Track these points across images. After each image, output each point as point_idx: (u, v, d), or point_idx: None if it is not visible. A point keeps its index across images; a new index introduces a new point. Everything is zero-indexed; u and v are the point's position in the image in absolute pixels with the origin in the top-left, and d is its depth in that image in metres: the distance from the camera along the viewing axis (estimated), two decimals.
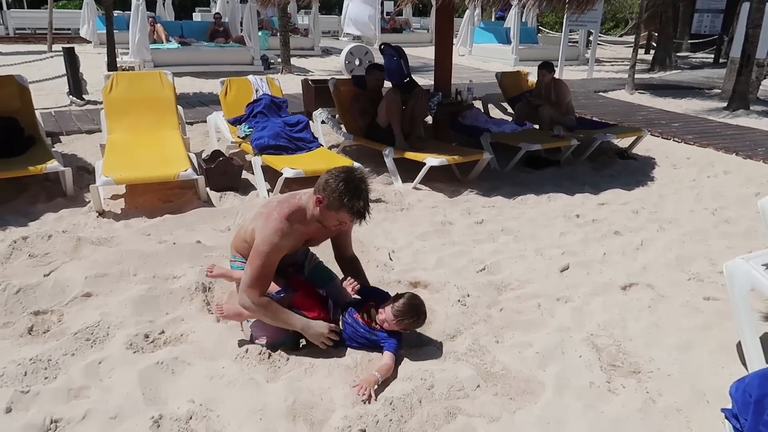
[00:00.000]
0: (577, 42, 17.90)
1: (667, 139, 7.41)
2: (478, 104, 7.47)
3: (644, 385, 2.55)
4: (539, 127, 6.68)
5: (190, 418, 2.24)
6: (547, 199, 5.09)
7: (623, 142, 6.96)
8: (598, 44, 16.38)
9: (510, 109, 7.74)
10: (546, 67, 6.88)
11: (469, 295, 3.27)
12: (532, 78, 7.72)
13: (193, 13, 21.08)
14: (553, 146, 6.15)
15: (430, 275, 3.52)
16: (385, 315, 2.60)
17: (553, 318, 3.09)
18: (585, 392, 2.47)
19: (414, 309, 2.61)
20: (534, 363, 2.66)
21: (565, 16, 13.15)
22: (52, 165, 4.53)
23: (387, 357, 2.55)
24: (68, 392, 2.37)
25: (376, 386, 2.40)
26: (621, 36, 27.56)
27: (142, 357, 2.60)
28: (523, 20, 17.48)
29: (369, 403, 2.32)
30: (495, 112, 8.07)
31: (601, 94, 11.27)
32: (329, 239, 2.88)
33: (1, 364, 2.53)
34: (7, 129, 5.04)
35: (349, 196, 2.43)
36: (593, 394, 2.47)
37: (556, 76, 7.00)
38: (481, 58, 16.84)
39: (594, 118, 8.00)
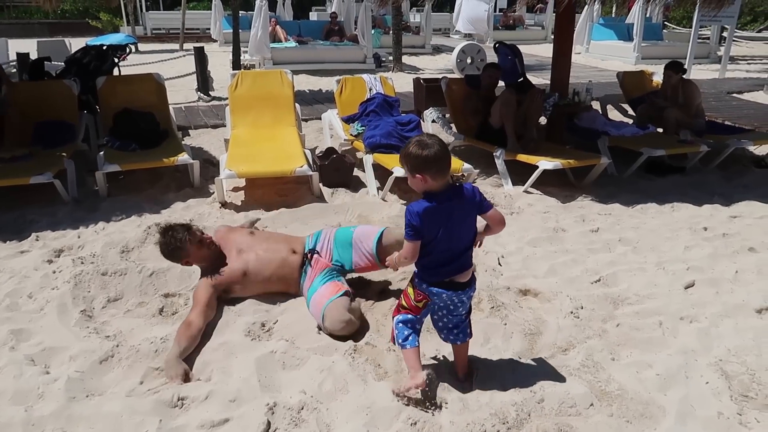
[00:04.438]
0: (708, 38, 16.57)
1: None
2: (596, 105, 7.13)
3: None
4: (664, 130, 6.26)
5: (302, 408, 2.32)
6: (671, 209, 4.76)
7: (761, 149, 6.36)
8: (733, 41, 15.05)
9: (631, 111, 7.31)
10: (673, 67, 6.43)
11: (582, 307, 3.13)
12: (657, 78, 7.25)
13: (310, 12, 21.87)
14: (678, 152, 5.73)
15: (541, 284, 3.41)
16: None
17: (676, 338, 2.88)
18: (712, 423, 2.29)
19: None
20: (654, 385, 2.50)
21: (696, 11, 12.18)
22: (183, 158, 4.89)
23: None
24: (193, 372, 2.55)
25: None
26: (759, 31, 25.15)
27: (259, 345, 2.73)
28: (648, 15, 16.44)
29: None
30: (614, 114, 7.66)
31: (735, 95, 10.36)
32: None
33: (137, 340, 2.78)
34: (146, 123, 5.51)
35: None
36: (721, 425, 2.28)
37: (685, 76, 6.52)
38: (599, 56, 16.07)
39: (726, 122, 7.39)
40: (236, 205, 4.74)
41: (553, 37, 7.39)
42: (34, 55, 9.08)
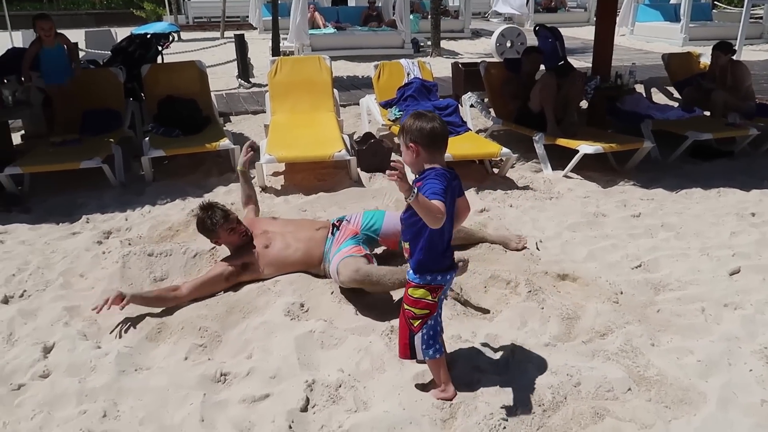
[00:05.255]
0: (761, 18, 15.86)
1: None
2: (639, 88, 6.94)
3: None
4: (711, 113, 6.07)
5: (340, 386, 2.38)
6: (717, 194, 4.63)
7: None
8: None
9: (677, 95, 7.10)
10: (722, 48, 6.22)
11: (622, 293, 3.10)
12: (705, 60, 7.01)
13: None
14: (726, 135, 5.55)
15: (580, 268, 3.37)
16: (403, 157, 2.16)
17: (719, 325, 2.82)
18: (755, 410, 2.24)
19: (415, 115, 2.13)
20: (694, 372, 2.46)
21: None
22: (225, 143, 5.00)
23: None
24: (235, 350, 2.64)
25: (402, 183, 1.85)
26: None
27: (298, 324, 2.79)
28: None
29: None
30: (658, 98, 7.44)
31: None
32: None
33: (182, 318, 2.88)
34: (189, 109, 5.64)
35: None
36: (765, 413, 2.23)
37: (735, 57, 6.29)
38: (644, 37, 15.55)
39: None
40: (276, 189, 4.82)
41: (596, 18, 7.21)
42: (82, 45, 9.38)
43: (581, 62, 10.35)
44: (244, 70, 9.52)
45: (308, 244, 3.22)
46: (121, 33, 10.81)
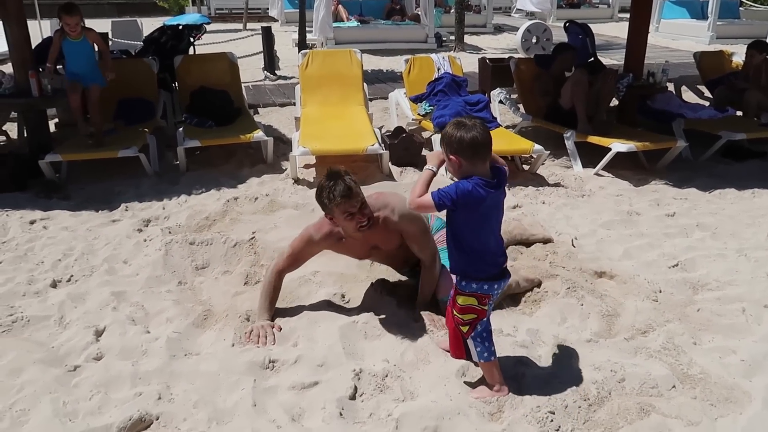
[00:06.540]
0: None
1: None
2: (669, 87, 6.88)
3: None
4: (743, 113, 6.02)
5: (386, 376, 2.41)
6: (752, 195, 4.60)
7: None
8: None
9: (708, 93, 7.04)
10: (757, 46, 6.16)
11: (661, 291, 3.10)
12: (737, 59, 6.95)
13: None
14: (759, 136, 5.50)
15: (617, 266, 3.38)
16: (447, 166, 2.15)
17: (760, 326, 2.82)
18: None
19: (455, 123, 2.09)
20: (738, 371, 2.47)
21: None
22: (258, 135, 5.05)
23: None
24: (281, 338, 2.69)
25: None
26: None
27: (341, 314, 2.83)
28: None
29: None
30: (688, 96, 7.38)
31: None
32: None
33: (225, 306, 2.94)
34: (221, 101, 5.70)
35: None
36: None
37: None
38: (669, 35, 15.35)
39: None
40: (308, 181, 4.87)
41: (620, 16, 7.15)
42: (110, 35, 9.48)
43: (606, 59, 10.26)
44: (270, 62, 9.57)
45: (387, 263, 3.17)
46: (145, 23, 10.91)
